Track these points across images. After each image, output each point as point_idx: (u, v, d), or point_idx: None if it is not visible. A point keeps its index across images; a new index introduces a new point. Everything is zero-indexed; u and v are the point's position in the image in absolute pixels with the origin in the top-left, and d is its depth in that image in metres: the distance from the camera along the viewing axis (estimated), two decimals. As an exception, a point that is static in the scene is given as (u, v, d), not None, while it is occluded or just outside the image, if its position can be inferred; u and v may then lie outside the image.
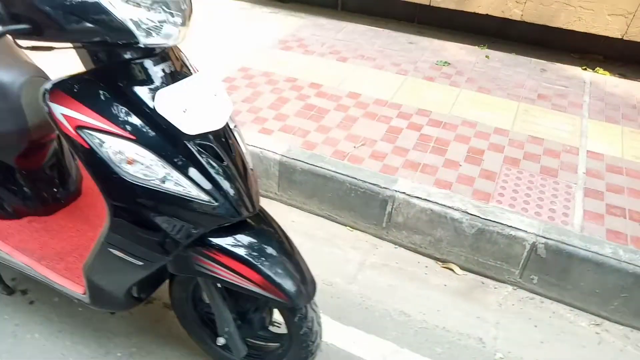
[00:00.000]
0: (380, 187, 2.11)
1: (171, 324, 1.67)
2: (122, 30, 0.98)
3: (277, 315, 1.43)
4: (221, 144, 1.17)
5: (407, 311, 1.86)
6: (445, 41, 3.44)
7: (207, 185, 1.13)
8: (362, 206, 2.19)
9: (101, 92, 1.06)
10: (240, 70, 2.98)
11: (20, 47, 1.00)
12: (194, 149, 1.11)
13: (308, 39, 3.41)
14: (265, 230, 1.29)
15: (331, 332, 1.70)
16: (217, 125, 1.14)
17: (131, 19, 0.97)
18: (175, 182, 1.10)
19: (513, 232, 1.90)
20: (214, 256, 1.20)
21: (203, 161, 1.12)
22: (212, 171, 1.13)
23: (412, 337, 1.76)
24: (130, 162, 1.07)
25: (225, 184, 1.15)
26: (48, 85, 1.05)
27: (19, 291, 1.80)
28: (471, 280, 2.03)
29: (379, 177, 2.16)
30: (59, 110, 1.05)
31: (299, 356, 1.40)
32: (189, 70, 1.19)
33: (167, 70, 1.12)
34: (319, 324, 1.38)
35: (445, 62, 3.14)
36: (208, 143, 1.14)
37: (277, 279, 1.21)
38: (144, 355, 1.62)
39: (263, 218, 1.32)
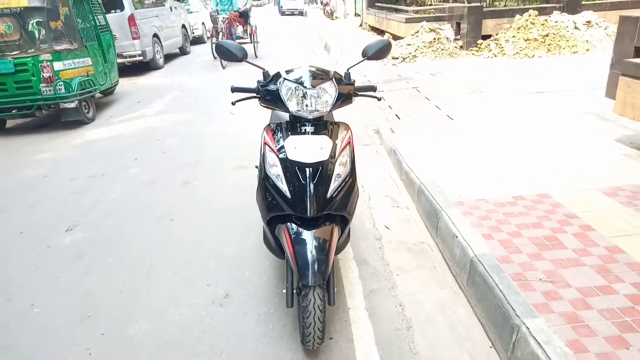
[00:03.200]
0: (514, 314, 2.11)
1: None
2: (286, 106, 2.09)
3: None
4: (313, 173, 2.04)
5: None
6: None
7: (291, 188, 2.04)
8: (500, 327, 2.21)
9: (278, 131, 2.20)
10: (539, 195, 3.22)
11: (261, 105, 2.28)
12: (294, 168, 2.06)
13: (649, 195, 3.09)
14: (319, 233, 2.03)
15: None
16: (308, 161, 2.03)
17: (289, 102, 2.08)
18: (280, 180, 2.08)
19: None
20: (285, 230, 2.08)
21: (294, 176, 2.05)
22: (295, 182, 2.04)
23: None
24: (272, 165, 2.15)
25: (299, 192, 2.02)
26: (267, 125, 2.29)
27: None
28: None
29: (523, 305, 2.14)
30: (264, 134, 2.26)
31: (302, 328, 2.02)
32: (322, 133, 2.13)
33: (308, 129, 2.12)
34: (317, 309, 1.95)
35: None
36: (303, 168, 2.05)
37: (299, 259, 1.96)
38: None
39: (328, 228, 2.06)
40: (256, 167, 3.35)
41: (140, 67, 10.58)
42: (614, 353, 1.85)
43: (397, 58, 9.50)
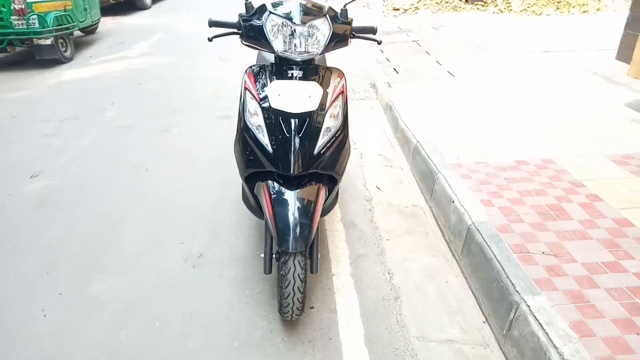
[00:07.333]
0: (514, 289, 1.92)
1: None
2: (270, 45, 1.79)
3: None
4: (298, 124, 1.77)
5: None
6: None
7: (274, 141, 1.78)
8: (496, 301, 2.03)
9: (261, 74, 1.91)
10: (543, 160, 2.99)
11: (243, 43, 1.97)
12: (277, 119, 1.78)
13: (660, 164, 2.87)
14: (303, 193, 1.78)
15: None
16: (293, 111, 1.75)
17: (275, 41, 1.78)
18: (261, 131, 1.81)
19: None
20: (264, 188, 1.83)
21: (277, 128, 1.77)
22: (279, 135, 1.77)
23: None
24: (253, 114, 1.87)
25: (282, 146, 1.76)
26: (248, 67, 1.99)
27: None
28: None
29: (524, 280, 1.94)
30: (245, 78, 1.97)
31: (280, 298, 1.81)
32: (312, 79, 1.84)
33: (295, 74, 1.83)
34: (297, 278, 1.73)
35: None
36: (288, 119, 1.77)
37: (279, 222, 1.71)
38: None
39: (313, 189, 1.81)
40: None
41: (125, 6, 9.95)
42: (622, 338, 1.67)
43: (398, 9, 9.00)
